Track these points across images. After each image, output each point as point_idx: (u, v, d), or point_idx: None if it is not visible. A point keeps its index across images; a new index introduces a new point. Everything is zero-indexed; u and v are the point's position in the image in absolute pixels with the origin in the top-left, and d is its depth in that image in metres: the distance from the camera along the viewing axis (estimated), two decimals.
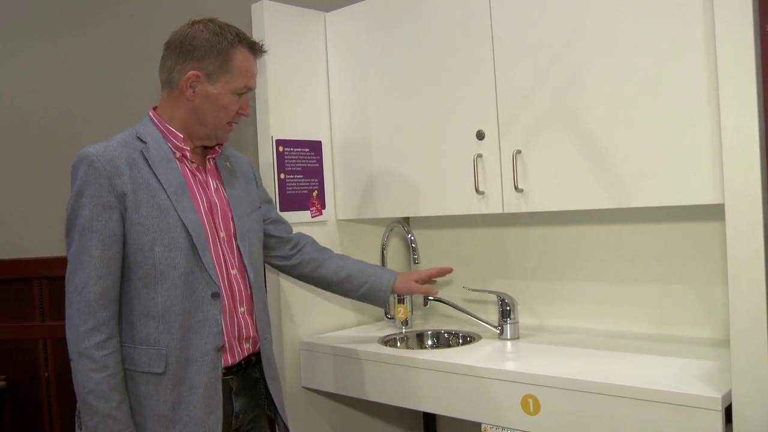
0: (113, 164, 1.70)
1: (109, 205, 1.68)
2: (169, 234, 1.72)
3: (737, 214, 1.60)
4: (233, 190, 1.92)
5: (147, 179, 1.73)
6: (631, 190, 1.92)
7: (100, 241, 1.68)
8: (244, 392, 1.88)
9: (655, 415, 1.67)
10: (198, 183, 1.83)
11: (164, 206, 1.72)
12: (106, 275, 1.68)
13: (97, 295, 1.67)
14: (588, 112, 1.98)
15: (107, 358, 1.67)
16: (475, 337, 2.42)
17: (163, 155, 1.77)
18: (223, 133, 1.86)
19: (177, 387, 1.72)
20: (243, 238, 1.89)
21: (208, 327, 1.76)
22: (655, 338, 2.19)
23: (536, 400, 1.87)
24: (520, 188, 2.13)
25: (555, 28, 2.03)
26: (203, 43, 1.77)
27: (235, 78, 1.80)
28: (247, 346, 1.87)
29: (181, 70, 1.78)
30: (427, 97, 2.36)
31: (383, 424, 2.78)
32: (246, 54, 1.82)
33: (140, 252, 1.71)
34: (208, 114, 1.80)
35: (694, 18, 1.76)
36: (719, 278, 2.08)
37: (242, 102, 1.85)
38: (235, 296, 1.84)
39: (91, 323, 1.66)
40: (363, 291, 2.18)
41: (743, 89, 1.59)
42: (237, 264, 1.86)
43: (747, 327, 1.59)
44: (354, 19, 2.56)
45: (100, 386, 1.65)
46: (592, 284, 2.39)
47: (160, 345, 1.71)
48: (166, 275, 1.72)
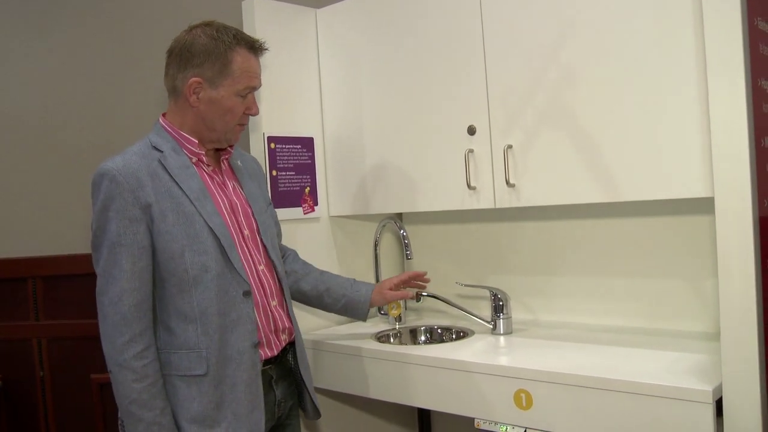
0: (135, 177, 1.71)
1: (135, 218, 1.70)
2: (197, 239, 1.74)
3: (727, 208, 1.61)
4: (249, 188, 1.95)
5: (169, 188, 1.74)
6: (621, 184, 1.93)
7: (130, 254, 1.70)
8: (282, 380, 1.94)
9: (646, 408, 1.68)
10: (217, 185, 1.86)
11: (189, 213, 1.75)
12: (139, 287, 1.71)
13: (131, 307, 1.69)
14: (579, 107, 1.99)
15: (147, 368, 1.69)
16: (468, 332, 2.42)
17: (180, 162, 1.79)
18: (233, 134, 1.87)
19: (219, 387, 1.75)
20: (265, 233, 1.92)
21: (243, 325, 1.79)
22: (646, 332, 2.20)
23: (529, 394, 1.87)
24: (512, 183, 2.13)
25: (546, 23, 2.04)
26: (201, 49, 1.77)
27: (236, 80, 1.80)
28: (284, 337, 1.92)
29: (183, 78, 1.79)
30: (419, 93, 2.36)
31: (377, 420, 2.79)
32: (245, 54, 1.82)
33: (171, 260, 1.73)
34: (214, 118, 1.81)
35: (683, 12, 1.77)
36: (710, 272, 2.09)
37: (248, 102, 1.85)
38: (266, 291, 1.88)
39: (128, 335, 1.68)
40: (342, 304, 2.20)
41: (732, 83, 1.60)
42: (264, 259, 1.90)
43: (737, 320, 1.60)
44: (345, 15, 2.55)
45: (142, 395, 1.68)
46: (585, 279, 2.40)
47: (200, 347, 1.74)
48: (199, 279, 1.74)
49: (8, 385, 3.18)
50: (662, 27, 1.82)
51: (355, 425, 2.71)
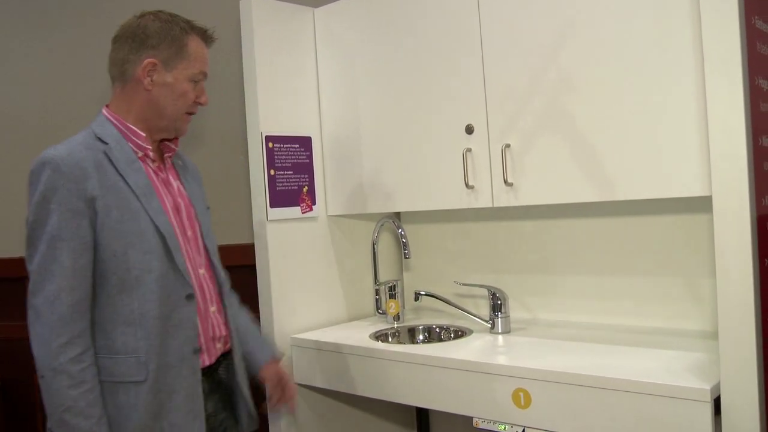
0: (80, 167, 1.62)
1: (78, 211, 1.61)
2: (142, 237, 1.66)
3: (725, 207, 1.61)
4: (191, 188, 1.89)
5: (115, 182, 1.66)
6: (619, 183, 1.92)
7: (71, 249, 1.60)
8: (214, 393, 1.85)
9: (645, 407, 1.68)
10: (161, 182, 1.79)
11: (135, 209, 1.67)
12: (79, 285, 1.61)
13: (70, 306, 1.59)
14: (577, 106, 1.98)
15: (84, 373, 1.59)
16: (466, 331, 2.42)
17: (126, 156, 1.71)
18: (182, 123, 1.81)
19: (158, 394, 1.67)
20: (208, 235, 1.86)
21: (184, 330, 1.71)
22: (644, 331, 2.20)
23: (527, 393, 1.87)
24: (510, 182, 2.13)
25: (544, 22, 2.03)
26: (157, 31, 1.73)
27: (191, 64, 1.76)
28: (218, 346, 1.84)
29: (135, 60, 1.73)
30: (416, 92, 2.36)
31: (376, 420, 2.79)
32: (198, 41, 1.79)
33: (113, 258, 1.64)
34: (166, 103, 1.76)
35: (681, 11, 1.77)
36: (708, 270, 2.09)
37: (198, 90, 1.81)
38: (206, 296, 1.80)
39: (66, 337, 1.58)
40: (246, 350, 2.02)
41: (730, 82, 1.59)
42: (205, 263, 1.83)
43: (735, 319, 1.60)
44: (342, 14, 2.55)
45: (78, 403, 1.57)
46: (583, 278, 2.40)
47: (138, 353, 1.65)
48: (141, 280, 1.66)
49: (7, 384, 3.18)
50: (660, 26, 1.82)
51: (354, 424, 2.71)
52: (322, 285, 2.64)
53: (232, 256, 2.61)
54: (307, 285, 2.41)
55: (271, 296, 2.45)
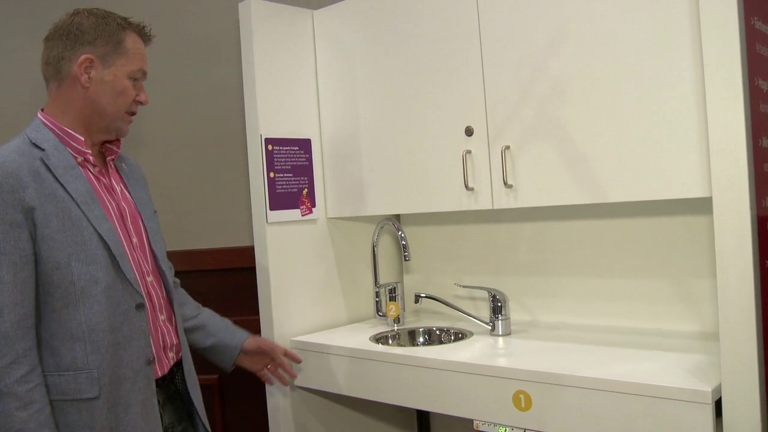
0: (15, 176, 1.54)
1: (16, 223, 1.53)
2: (85, 247, 1.60)
3: (725, 208, 1.60)
4: (136, 193, 1.83)
5: (53, 190, 1.59)
6: (619, 184, 1.92)
7: (11, 263, 1.52)
8: (170, 403, 1.83)
9: (645, 409, 1.67)
10: (104, 188, 1.73)
11: (76, 218, 1.60)
12: (22, 301, 1.53)
13: (13, 324, 1.51)
14: (576, 108, 1.98)
15: (33, 393, 1.51)
16: (466, 333, 2.42)
17: (65, 162, 1.63)
18: (123, 123, 1.75)
19: (113, 409, 1.62)
20: (155, 241, 1.81)
21: (136, 340, 1.67)
22: (645, 332, 2.20)
23: (528, 395, 1.87)
24: (510, 184, 2.13)
25: (542, 24, 2.03)
26: (92, 26, 1.68)
27: (129, 60, 1.71)
28: (171, 355, 1.81)
29: (71, 57, 1.67)
30: (416, 94, 2.35)
31: (376, 422, 2.78)
32: (136, 38, 1.74)
33: (56, 270, 1.57)
34: (105, 100, 1.69)
35: (680, 12, 1.76)
36: (708, 272, 2.09)
37: (137, 88, 1.75)
38: (155, 304, 1.76)
39: (10, 356, 1.50)
40: (210, 343, 2.07)
41: (729, 83, 1.59)
42: (152, 269, 1.78)
43: (736, 320, 1.59)
44: (342, 16, 2.55)
45: (27, 425, 1.49)
46: (583, 279, 2.39)
47: (89, 368, 1.59)
48: (87, 292, 1.59)
49: None
50: (659, 27, 1.81)
51: (354, 427, 2.70)
52: (322, 287, 2.63)
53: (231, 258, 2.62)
54: (307, 287, 2.40)
55: (271, 299, 2.44)
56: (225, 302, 2.00)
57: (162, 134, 2.95)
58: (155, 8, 3.02)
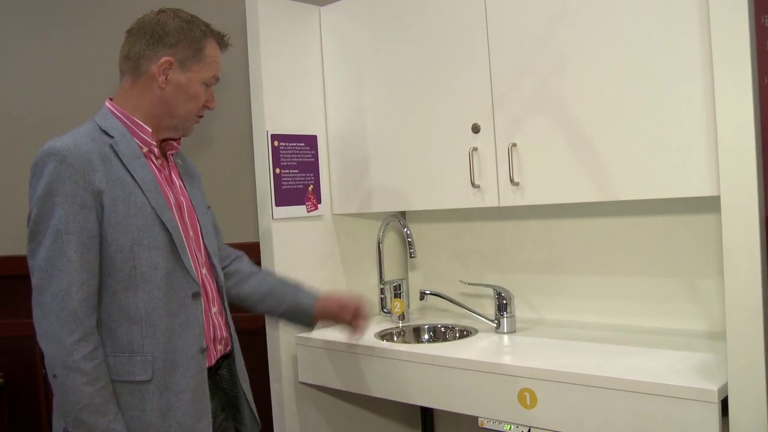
0: (87, 159, 1.58)
1: (85, 204, 1.57)
2: (149, 233, 1.64)
3: (733, 206, 1.60)
4: (192, 188, 1.87)
5: (121, 176, 1.63)
6: (626, 182, 1.92)
7: (79, 243, 1.56)
8: (215, 393, 1.84)
9: (651, 407, 1.67)
10: (165, 180, 1.77)
11: (141, 204, 1.64)
12: (88, 280, 1.57)
13: (80, 302, 1.55)
14: (584, 106, 1.98)
15: (98, 369, 1.57)
16: (471, 331, 2.42)
17: (132, 150, 1.68)
18: (190, 124, 1.81)
19: (164, 394, 1.65)
20: (208, 236, 1.84)
21: (191, 328, 1.70)
22: (651, 331, 2.19)
23: (533, 393, 1.87)
24: (516, 181, 2.12)
25: (550, 22, 2.02)
26: (176, 29, 1.72)
27: (206, 67, 1.76)
28: (219, 348, 1.83)
29: (152, 56, 1.71)
30: (422, 91, 2.35)
31: (381, 419, 2.78)
32: (215, 45, 1.79)
33: (119, 253, 1.61)
34: (178, 103, 1.74)
35: (689, 8, 1.76)
36: (715, 270, 2.08)
37: (209, 94, 1.80)
38: (209, 296, 1.79)
39: (79, 333, 1.55)
40: (285, 308, 2.07)
41: (738, 80, 1.58)
42: (206, 263, 1.82)
43: (743, 319, 1.59)
44: (349, 12, 2.55)
45: (94, 400, 1.55)
46: (589, 277, 2.39)
47: (144, 351, 1.63)
48: (147, 277, 1.63)
49: (10, 382, 3.18)
50: (668, 24, 1.81)
51: (358, 424, 2.70)
52: (327, 284, 2.63)
53: None
54: (312, 284, 2.37)
55: None
56: None
57: None
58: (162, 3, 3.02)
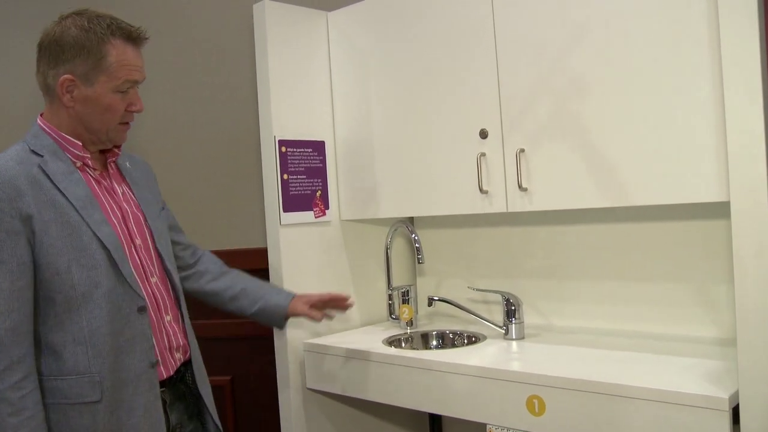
0: (12, 185, 1.55)
1: (14, 231, 1.54)
2: (85, 252, 1.60)
3: (743, 212, 1.59)
4: (140, 192, 1.82)
5: (51, 196, 1.59)
6: (635, 188, 1.90)
7: (8, 271, 1.53)
8: (178, 403, 1.82)
9: (661, 415, 1.65)
10: (104, 191, 1.72)
11: (75, 223, 1.60)
12: (18, 308, 1.54)
13: (8, 330, 1.52)
14: (592, 110, 1.97)
15: (25, 399, 1.53)
16: (480, 337, 2.41)
17: (63, 167, 1.64)
18: (117, 133, 1.72)
19: (115, 413, 1.63)
20: (160, 241, 1.80)
21: (139, 344, 1.67)
22: (660, 337, 2.18)
23: (541, 400, 1.85)
24: (524, 187, 2.12)
25: (558, 26, 2.02)
26: (72, 42, 1.61)
27: (113, 75, 1.64)
28: (178, 356, 1.81)
29: (54, 75, 1.64)
30: (430, 96, 2.35)
31: (389, 425, 2.77)
32: (122, 46, 1.65)
33: (57, 276, 1.58)
34: (92, 118, 1.67)
35: (698, 12, 1.75)
36: (725, 277, 2.06)
37: (130, 98, 1.70)
38: (160, 305, 1.76)
39: (4, 363, 1.52)
40: (259, 307, 2.07)
41: (748, 86, 1.57)
42: (157, 270, 1.78)
43: (754, 326, 1.58)
44: (356, 18, 2.55)
45: (19, 431, 1.51)
46: (598, 283, 2.38)
47: (92, 372, 1.60)
48: (88, 296, 1.60)
49: None
50: (677, 28, 1.80)
51: (366, 431, 2.69)
52: (335, 289, 2.62)
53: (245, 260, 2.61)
54: (320, 289, 2.38)
55: None
56: None
57: (175, 135, 2.96)
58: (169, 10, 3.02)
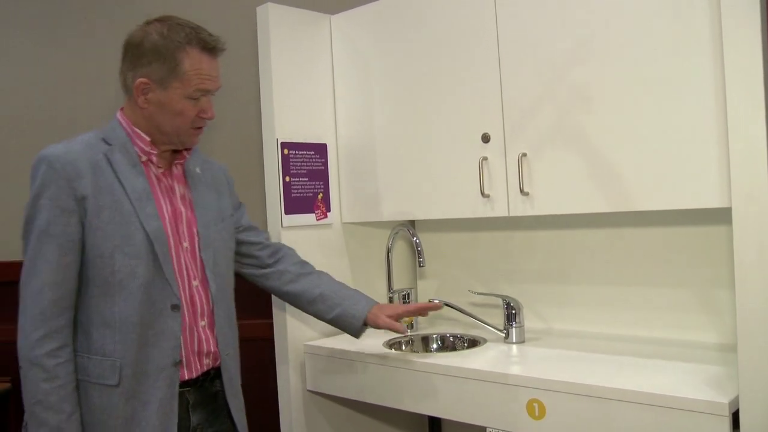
0: (74, 166, 1.63)
1: (67, 209, 1.62)
2: (130, 241, 1.65)
3: (744, 218, 1.59)
4: (201, 198, 1.85)
5: (110, 183, 1.66)
6: (638, 193, 1.91)
7: (58, 245, 1.61)
8: (202, 406, 1.83)
9: (661, 420, 1.66)
10: (163, 189, 1.77)
11: (127, 212, 1.66)
12: (62, 282, 1.62)
13: (51, 302, 1.60)
14: (594, 116, 1.97)
15: (58, 368, 1.60)
16: (480, 340, 2.41)
17: (128, 159, 1.71)
18: (187, 137, 1.78)
19: (131, 401, 1.67)
20: (207, 248, 1.82)
21: (166, 340, 1.70)
22: (661, 342, 2.18)
23: (541, 404, 1.86)
24: (526, 191, 2.12)
25: (560, 32, 2.02)
26: (150, 47, 1.69)
27: (186, 83, 1.70)
28: (206, 362, 1.81)
29: (132, 77, 1.72)
30: (433, 100, 2.35)
31: (389, 428, 2.77)
32: (197, 56, 1.71)
33: (99, 259, 1.64)
34: (163, 121, 1.73)
35: (701, 19, 1.75)
36: (726, 282, 2.07)
37: (201, 105, 1.75)
38: (196, 309, 1.78)
39: (44, 331, 1.60)
40: (335, 314, 2.07)
41: (750, 93, 1.58)
42: (200, 275, 1.80)
43: (754, 331, 1.58)
44: (359, 21, 2.55)
45: (49, 397, 1.59)
46: (598, 288, 2.38)
47: (114, 356, 1.65)
48: (125, 284, 1.65)
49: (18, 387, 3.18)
50: (679, 34, 1.80)
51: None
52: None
53: None
54: None
55: (285, 303, 2.44)
56: (238, 306, 2.00)
57: None
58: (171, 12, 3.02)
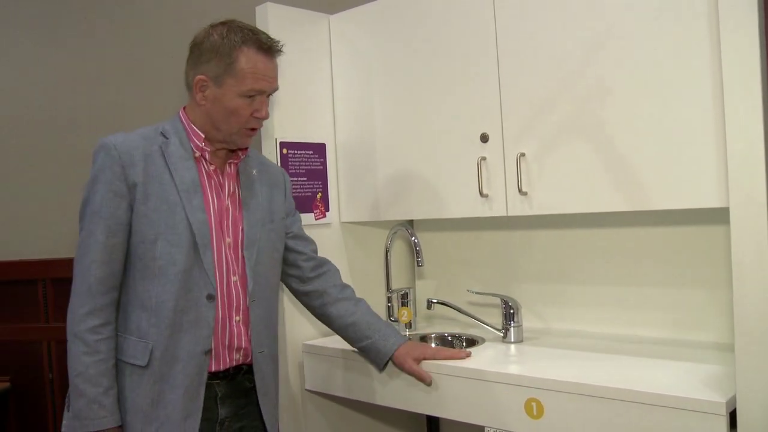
0: (128, 154, 1.72)
1: (119, 193, 1.71)
2: (173, 230, 1.73)
3: (742, 218, 1.60)
4: (252, 198, 1.90)
5: (161, 173, 1.75)
6: (636, 193, 1.91)
7: (107, 226, 1.70)
8: (231, 399, 1.86)
9: (658, 419, 1.66)
10: (213, 185, 1.83)
11: (173, 202, 1.74)
12: (109, 262, 1.71)
13: (97, 279, 1.69)
14: (593, 116, 1.98)
15: (99, 343, 1.69)
16: (478, 340, 2.41)
17: (181, 153, 1.79)
18: (240, 137, 1.84)
19: (158, 383, 1.73)
20: (250, 247, 1.86)
21: (199, 328, 1.76)
22: (659, 342, 2.19)
23: (540, 403, 1.86)
24: (524, 191, 2.12)
25: (559, 32, 2.03)
26: (210, 47, 1.77)
27: (240, 81, 1.77)
28: (237, 357, 1.85)
29: (193, 75, 1.80)
30: (432, 100, 2.36)
31: (387, 427, 2.77)
32: (253, 56, 1.78)
33: (142, 244, 1.72)
34: (219, 118, 1.80)
35: (699, 22, 1.76)
36: (724, 281, 2.07)
37: (256, 105, 1.81)
38: (232, 303, 1.82)
39: (89, 307, 1.69)
40: (364, 345, 2.10)
41: (748, 93, 1.58)
42: (240, 272, 1.84)
43: (752, 331, 1.58)
44: (358, 21, 2.56)
45: (89, 370, 1.67)
46: (597, 287, 2.38)
47: (148, 338, 1.73)
48: (164, 270, 1.73)
49: (18, 386, 3.19)
50: (678, 36, 1.81)
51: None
52: None
53: None
54: None
55: (284, 302, 2.45)
56: None
57: None
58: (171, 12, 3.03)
